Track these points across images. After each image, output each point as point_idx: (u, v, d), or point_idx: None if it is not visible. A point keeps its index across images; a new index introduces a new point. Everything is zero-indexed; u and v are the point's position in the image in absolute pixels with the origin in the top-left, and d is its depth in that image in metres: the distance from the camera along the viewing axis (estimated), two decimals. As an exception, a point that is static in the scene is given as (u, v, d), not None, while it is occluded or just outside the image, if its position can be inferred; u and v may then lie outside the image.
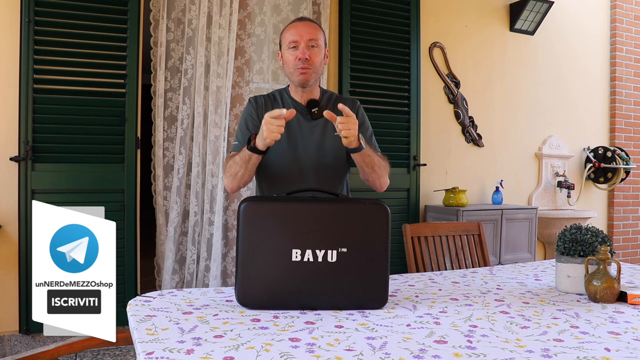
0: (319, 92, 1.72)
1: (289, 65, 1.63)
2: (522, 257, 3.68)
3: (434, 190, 3.80)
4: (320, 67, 1.65)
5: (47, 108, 2.70)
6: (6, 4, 2.66)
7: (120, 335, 1.26)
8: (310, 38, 1.60)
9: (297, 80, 1.62)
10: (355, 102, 1.75)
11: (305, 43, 1.59)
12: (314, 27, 1.64)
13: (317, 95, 1.71)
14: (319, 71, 1.64)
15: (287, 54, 1.63)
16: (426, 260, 2.08)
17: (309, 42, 1.60)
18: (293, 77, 1.63)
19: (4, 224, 2.66)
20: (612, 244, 1.47)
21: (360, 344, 1.00)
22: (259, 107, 1.68)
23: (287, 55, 1.62)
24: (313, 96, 1.69)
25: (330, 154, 1.66)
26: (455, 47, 3.93)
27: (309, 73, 1.61)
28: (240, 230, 1.22)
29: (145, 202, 3.19)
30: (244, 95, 3.20)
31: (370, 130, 1.75)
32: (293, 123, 1.65)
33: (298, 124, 1.66)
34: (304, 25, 1.62)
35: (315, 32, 1.62)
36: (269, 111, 1.42)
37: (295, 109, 1.65)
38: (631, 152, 4.64)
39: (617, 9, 4.66)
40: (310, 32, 1.61)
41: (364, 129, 1.71)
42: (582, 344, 1.03)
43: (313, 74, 1.62)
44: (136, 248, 2.89)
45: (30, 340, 2.72)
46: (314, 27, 1.64)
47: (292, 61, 1.61)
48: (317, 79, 1.66)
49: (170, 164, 3.06)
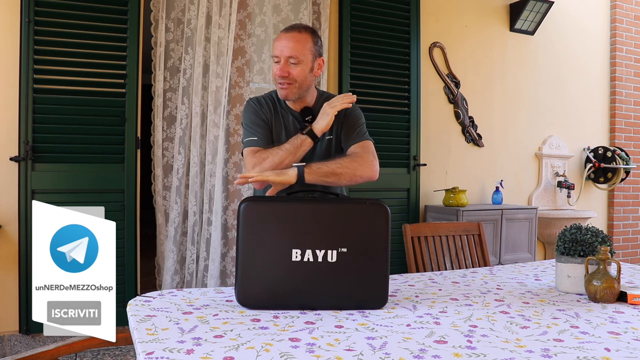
0: (314, 97, 1.69)
1: (274, 77, 1.63)
2: (522, 257, 3.68)
3: (434, 190, 3.80)
4: (305, 81, 1.60)
5: (47, 108, 2.70)
6: (6, 4, 2.66)
7: (120, 335, 1.26)
8: (290, 55, 1.56)
9: (280, 94, 1.62)
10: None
11: (285, 59, 1.56)
12: (299, 40, 1.57)
13: (312, 102, 1.68)
14: (303, 86, 1.60)
15: (273, 65, 1.63)
16: (426, 260, 2.08)
17: (289, 58, 1.56)
18: (277, 90, 1.64)
19: (4, 224, 2.66)
20: (612, 244, 1.47)
21: (360, 344, 1.00)
22: (263, 107, 1.67)
23: (273, 66, 1.62)
24: (306, 104, 1.67)
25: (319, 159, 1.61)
26: (455, 47, 3.93)
27: (290, 89, 1.59)
28: (240, 230, 1.22)
29: (146, 202, 3.20)
30: (244, 96, 3.20)
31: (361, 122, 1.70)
32: (289, 128, 1.66)
33: (294, 129, 1.66)
34: (288, 39, 1.57)
35: (299, 47, 1.56)
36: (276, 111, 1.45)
37: (291, 113, 1.68)
38: (631, 152, 4.64)
39: (617, 9, 4.66)
40: (292, 47, 1.56)
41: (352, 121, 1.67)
42: (582, 344, 1.03)
43: (295, 89, 1.59)
44: (136, 248, 2.89)
45: (30, 340, 2.72)
46: (299, 39, 1.57)
47: (274, 73, 1.61)
48: (302, 92, 1.62)
49: (169, 164, 3.06)
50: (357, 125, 1.69)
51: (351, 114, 1.69)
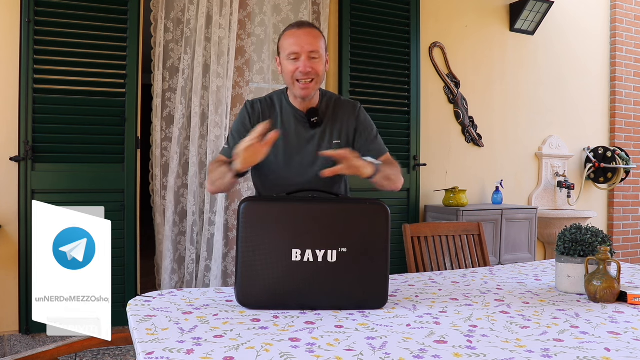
0: (318, 97, 1.66)
1: (288, 75, 1.55)
2: (522, 257, 3.68)
3: (434, 190, 3.80)
4: (323, 76, 1.59)
5: (47, 108, 2.70)
6: (6, 4, 2.66)
7: (120, 335, 1.26)
8: (311, 50, 1.52)
9: (299, 93, 1.56)
10: (356, 105, 1.71)
11: (307, 55, 1.52)
12: (315, 36, 1.55)
13: (317, 101, 1.65)
14: (321, 81, 1.59)
15: (286, 64, 1.55)
16: (426, 260, 2.08)
17: (310, 53, 1.52)
18: (294, 89, 1.57)
19: (4, 224, 2.66)
20: (612, 244, 1.47)
21: (360, 344, 1.00)
22: (255, 114, 1.63)
23: (287, 65, 1.55)
24: (313, 104, 1.63)
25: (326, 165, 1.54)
26: (455, 47, 3.93)
27: (312, 87, 1.55)
28: (240, 230, 1.22)
29: (146, 202, 3.19)
30: (244, 95, 3.20)
31: (375, 131, 1.71)
32: (291, 131, 1.61)
33: (296, 132, 1.62)
34: (305, 34, 1.53)
35: (317, 42, 1.54)
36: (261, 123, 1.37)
37: (294, 116, 1.63)
38: (631, 152, 4.64)
39: (617, 9, 4.66)
40: (312, 43, 1.52)
41: (367, 132, 1.68)
42: (582, 344, 1.03)
43: (316, 85, 1.56)
44: (136, 248, 2.89)
45: (30, 340, 2.72)
46: (314, 35, 1.55)
47: (291, 72, 1.54)
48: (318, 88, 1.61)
49: (168, 164, 3.05)
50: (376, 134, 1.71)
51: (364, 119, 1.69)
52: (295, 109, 1.63)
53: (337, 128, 1.65)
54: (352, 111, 1.69)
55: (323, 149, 1.58)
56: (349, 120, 1.67)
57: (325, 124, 1.64)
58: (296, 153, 1.61)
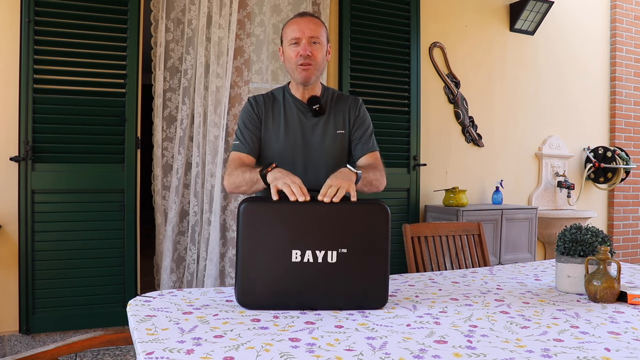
0: (320, 89, 1.71)
1: (290, 61, 1.61)
2: (522, 257, 3.68)
3: (434, 190, 3.80)
4: (322, 63, 1.63)
5: (47, 108, 2.70)
6: (6, 4, 2.66)
7: (120, 335, 1.26)
8: (311, 35, 1.58)
9: (299, 77, 1.60)
10: (357, 100, 1.74)
11: (307, 39, 1.57)
12: (316, 23, 1.61)
13: (319, 92, 1.70)
14: (320, 67, 1.62)
15: (288, 50, 1.61)
16: (426, 260, 2.08)
17: (311, 38, 1.58)
18: (295, 74, 1.61)
19: (4, 224, 2.66)
20: (612, 244, 1.47)
21: (360, 344, 1.00)
22: (259, 106, 1.67)
23: (289, 51, 1.61)
24: (314, 93, 1.68)
25: (330, 154, 1.66)
26: (455, 47, 3.93)
27: (310, 70, 1.59)
28: (240, 231, 1.22)
29: (147, 202, 3.19)
30: (242, 95, 3.20)
31: (371, 128, 1.74)
32: (294, 120, 1.65)
33: (299, 121, 1.65)
34: (305, 21, 1.60)
35: (318, 29, 1.60)
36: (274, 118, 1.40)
37: (296, 106, 1.67)
38: (631, 152, 4.64)
39: (617, 9, 4.66)
40: (312, 29, 1.59)
41: (364, 127, 1.72)
42: (582, 344, 1.03)
43: (315, 70, 1.60)
44: (136, 248, 2.89)
45: (30, 340, 2.72)
46: (316, 22, 1.61)
47: (293, 57, 1.59)
48: (318, 76, 1.64)
49: (169, 164, 3.06)
50: (371, 132, 1.73)
51: (363, 114, 1.73)
52: (297, 99, 1.67)
53: (339, 118, 1.69)
54: (354, 104, 1.73)
55: (327, 138, 1.65)
56: (351, 111, 1.71)
57: (328, 114, 1.68)
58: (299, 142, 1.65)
